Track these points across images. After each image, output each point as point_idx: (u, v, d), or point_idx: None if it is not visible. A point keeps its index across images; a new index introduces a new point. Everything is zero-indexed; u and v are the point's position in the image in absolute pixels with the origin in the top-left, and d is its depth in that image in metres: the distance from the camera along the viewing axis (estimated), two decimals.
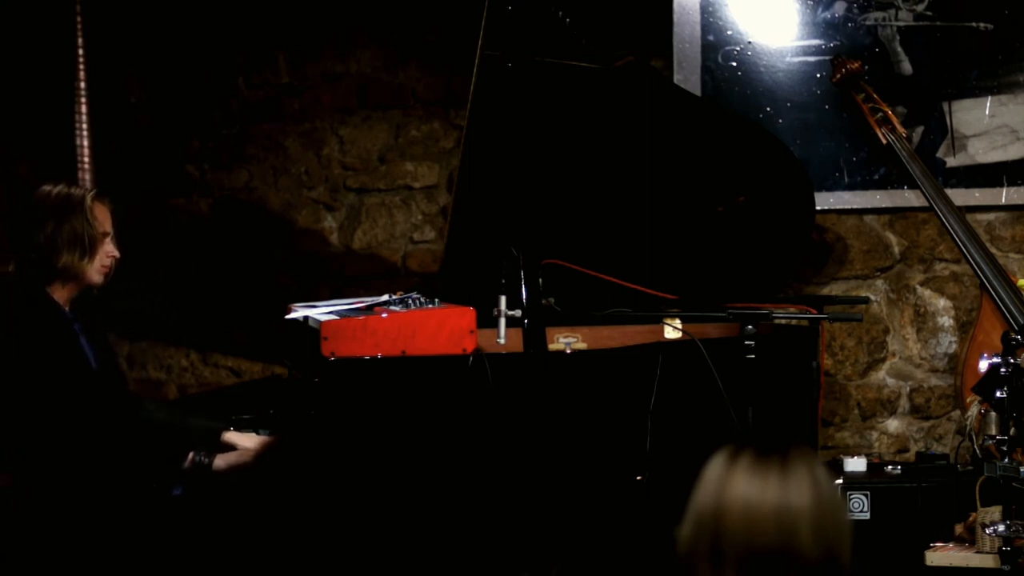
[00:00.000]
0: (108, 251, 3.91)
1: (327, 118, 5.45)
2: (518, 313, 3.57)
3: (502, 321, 3.79)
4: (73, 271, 3.84)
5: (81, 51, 5.12)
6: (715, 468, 2.16)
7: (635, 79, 4.54)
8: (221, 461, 3.87)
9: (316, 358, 3.97)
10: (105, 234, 3.90)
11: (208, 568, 3.87)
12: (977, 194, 5.07)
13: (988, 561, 3.96)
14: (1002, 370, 3.80)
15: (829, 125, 5.10)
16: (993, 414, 3.90)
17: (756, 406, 4.12)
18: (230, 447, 4.03)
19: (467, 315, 4.01)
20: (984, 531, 3.92)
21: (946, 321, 5.16)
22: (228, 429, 4.07)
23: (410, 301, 4.15)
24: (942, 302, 5.17)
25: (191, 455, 3.82)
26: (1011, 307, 4.60)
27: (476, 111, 4.20)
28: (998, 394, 3.80)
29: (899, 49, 5.07)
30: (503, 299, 3.75)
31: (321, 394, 3.96)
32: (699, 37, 5.14)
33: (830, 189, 5.11)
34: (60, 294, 3.87)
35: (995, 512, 3.92)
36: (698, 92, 5.09)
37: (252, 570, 2.54)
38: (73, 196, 3.86)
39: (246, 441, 4.05)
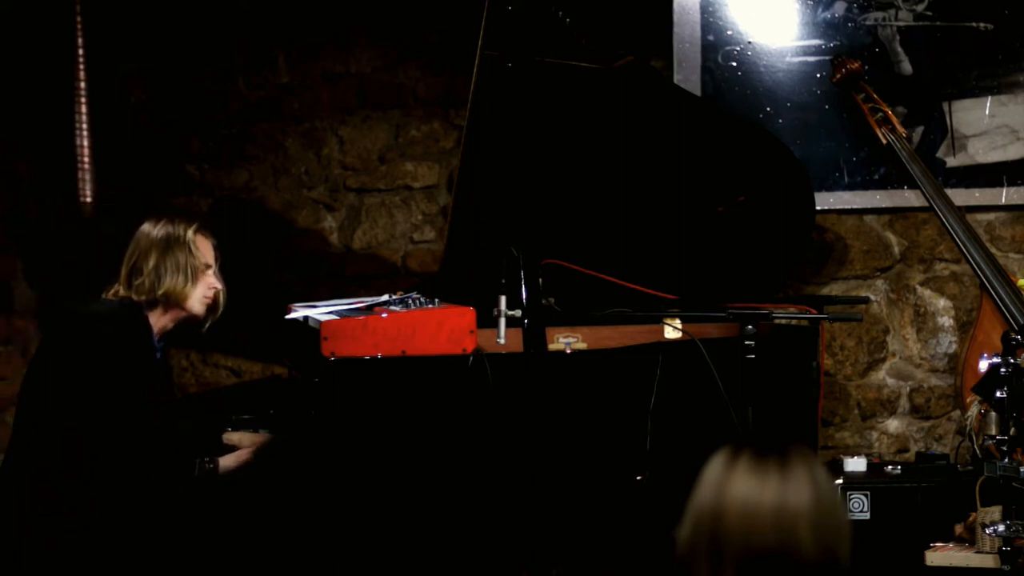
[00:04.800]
0: (210, 283, 4.16)
1: (327, 118, 5.45)
2: (518, 313, 3.57)
3: (502, 321, 3.79)
4: (175, 297, 4.07)
5: (81, 51, 5.12)
6: (714, 468, 2.16)
7: (635, 79, 4.54)
8: (225, 463, 3.97)
9: (316, 358, 3.97)
10: (207, 266, 4.15)
11: (214, 567, 3.89)
12: (977, 194, 5.07)
13: (988, 561, 3.96)
14: (1002, 370, 3.80)
15: (829, 125, 5.10)
16: (993, 414, 3.90)
17: (756, 406, 4.12)
18: (231, 448, 4.06)
19: (467, 315, 4.01)
20: (984, 531, 3.92)
21: (946, 321, 5.16)
22: (226, 430, 4.11)
23: (410, 301, 4.15)
24: (942, 302, 5.17)
25: (197, 463, 3.92)
26: (1011, 307, 4.60)
27: (476, 111, 4.20)
28: (998, 394, 3.80)
29: (899, 49, 5.07)
30: (503, 299, 3.75)
31: (321, 394, 3.96)
32: (699, 37, 5.14)
33: (830, 189, 5.11)
34: (157, 321, 4.09)
35: (995, 512, 3.92)
36: (698, 92, 5.09)
37: (255, 568, 2.55)
38: (174, 231, 4.11)
39: (246, 440, 4.07)
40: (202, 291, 4.12)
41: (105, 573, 3.82)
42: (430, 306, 4.12)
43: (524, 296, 3.50)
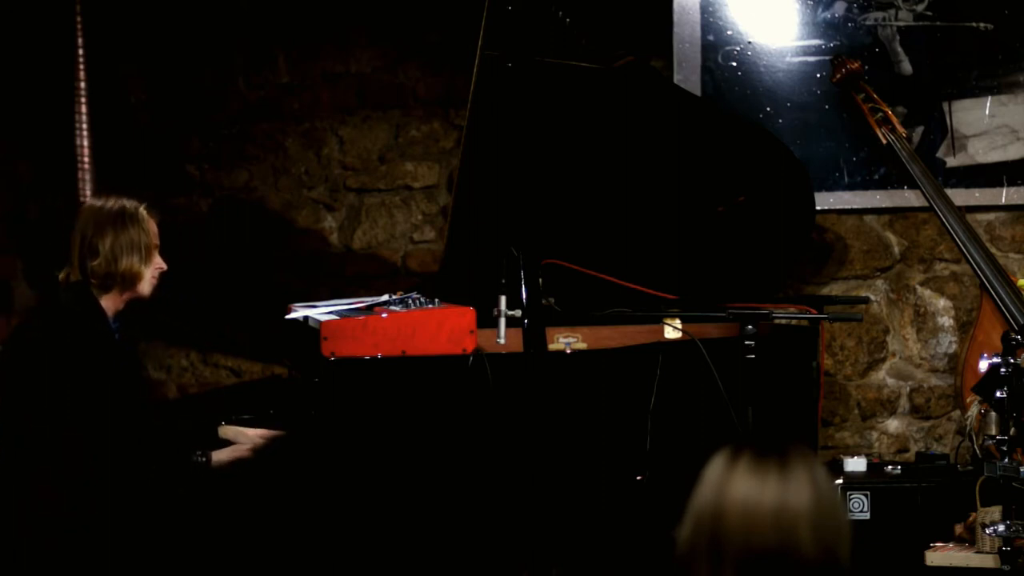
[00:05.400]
0: (157, 263, 4.08)
1: (327, 118, 5.45)
2: (518, 313, 3.57)
3: (502, 321, 3.79)
4: (131, 276, 3.99)
5: (81, 51, 5.12)
6: (715, 468, 2.16)
7: (635, 79, 4.54)
8: (219, 456, 3.95)
9: (316, 358, 3.97)
10: (156, 245, 4.08)
11: (210, 566, 3.89)
12: (977, 194, 5.07)
13: (988, 561, 3.96)
14: (1002, 370, 3.80)
15: (829, 125, 5.10)
16: (993, 414, 3.90)
17: (756, 406, 4.12)
18: (227, 443, 4.06)
19: (467, 315, 4.01)
20: (984, 531, 3.92)
21: (946, 321, 5.16)
22: (221, 424, 4.10)
23: (410, 301, 4.15)
24: (942, 302, 5.17)
25: (189, 456, 3.91)
26: (1011, 307, 4.60)
27: (476, 111, 4.20)
28: (998, 394, 3.80)
29: (899, 49, 5.07)
30: (503, 299, 3.75)
31: (321, 394, 3.96)
32: (699, 37, 5.14)
33: (830, 189, 5.11)
34: (109, 304, 4.01)
35: (995, 512, 3.92)
36: (698, 92, 5.09)
37: (252, 568, 2.55)
38: (128, 207, 4.04)
39: (242, 436, 4.06)
40: (151, 271, 4.05)
41: (102, 572, 3.81)
42: (430, 306, 4.12)
43: (524, 296, 3.50)
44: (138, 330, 4.41)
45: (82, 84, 5.12)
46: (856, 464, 4.66)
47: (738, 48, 5.13)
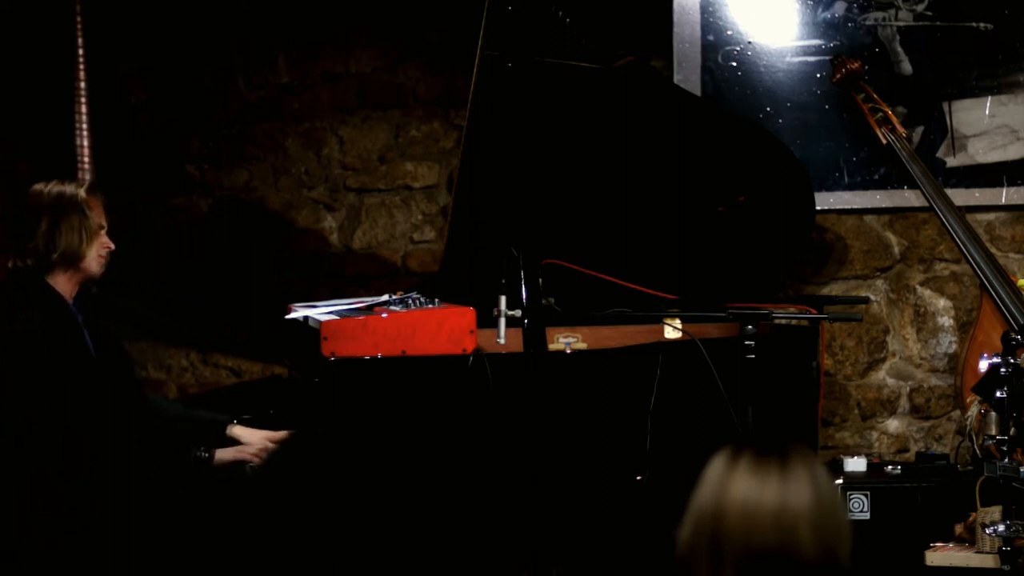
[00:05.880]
0: (104, 242, 4.03)
1: (327, 118, 5.45)
2: (518, 313, 3.57)
3: (502, 321, 3.79)
4: (71, 256, 3.94)
5: (81, 51, 5.12)
6: (715, 468, 2.16)
7: (635, 79, 4.54)
8: (222, 455, 3.95)
9: (316, 358, 3.97)
10: (100, 226, 4.03)
11: (210, 565, 3.88)
12: (977, 194, 5.07)
13: (988, 561, 3.96)
14: (1002, 370, 3.80)
15: (829, 125, 5.10)
16: (993, 414, 3.90)
17: (756, 406, 4.12)
18: (235, 441, 4.06)
19: (467, 315, 4.01)
20: (984, 531, 3.92)
21: (946, 321, 5.16)
22: (233, 422, 4.09)
23: (410, 301, 4.15)
24: (942, 302, 5.17)
25: (191, 452, 3.90)
26: (1011, 307, 4.60)
27: (476, 111, 4.20)
28: (998, 394, 3.80)
29: (899, 49, 5.07)
30: (503, 299, 3.75)
31: (321, 394, 3.96)
32: (699, 37, 5.14)
33: (830, 189, 5.11)
34: (62, 287, 3.96)
35: (995, 512, 3.92)
36: (698, 92, 5.09)
37: (252, 567, 2.55)
38: (67, 191, 4.00)
39: (250, 436, 4.06)
40: (97, 250, 4.01)
41: (102, 572, 3.80)
42: (430, 306, 4.12)
43: (524, 296, 3.50)
44: (120, 324, 4.38)
45: (82, 84, 5.12)
46: (856, 464, 4.67)
47: (738, 48, 5.13)
